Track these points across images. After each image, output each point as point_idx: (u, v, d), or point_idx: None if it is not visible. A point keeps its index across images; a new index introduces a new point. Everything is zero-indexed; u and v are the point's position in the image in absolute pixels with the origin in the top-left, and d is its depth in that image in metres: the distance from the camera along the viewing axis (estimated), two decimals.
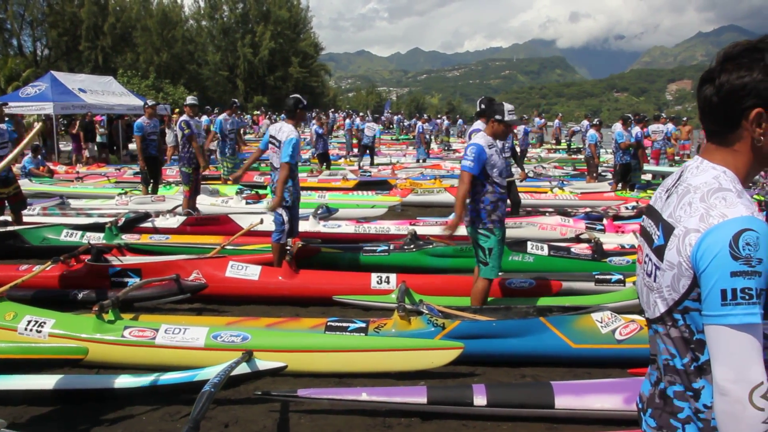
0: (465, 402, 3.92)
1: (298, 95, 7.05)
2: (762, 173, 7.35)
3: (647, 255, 1.70)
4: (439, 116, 37.85)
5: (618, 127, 13.48)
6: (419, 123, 21.66)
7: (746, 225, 1.43)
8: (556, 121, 32.44)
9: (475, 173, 5.29)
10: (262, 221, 7.93)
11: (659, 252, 1.60)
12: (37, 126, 5.97)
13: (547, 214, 9.63)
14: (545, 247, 7.14)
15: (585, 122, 21.75)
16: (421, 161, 20.02)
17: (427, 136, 22.06)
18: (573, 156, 23.03)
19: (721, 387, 1.44)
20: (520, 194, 10.09)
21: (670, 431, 1.63)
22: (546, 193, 12.66)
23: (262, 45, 62.20)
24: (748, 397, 1.41)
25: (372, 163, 19.29)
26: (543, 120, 31.89)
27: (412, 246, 7.19)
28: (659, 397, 1.69)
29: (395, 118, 36.43)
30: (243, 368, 4.08)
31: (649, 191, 12.67)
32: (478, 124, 7.59)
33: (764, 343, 1.58)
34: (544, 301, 5.80)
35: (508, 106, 5.41)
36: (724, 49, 1.58)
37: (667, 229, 1.58)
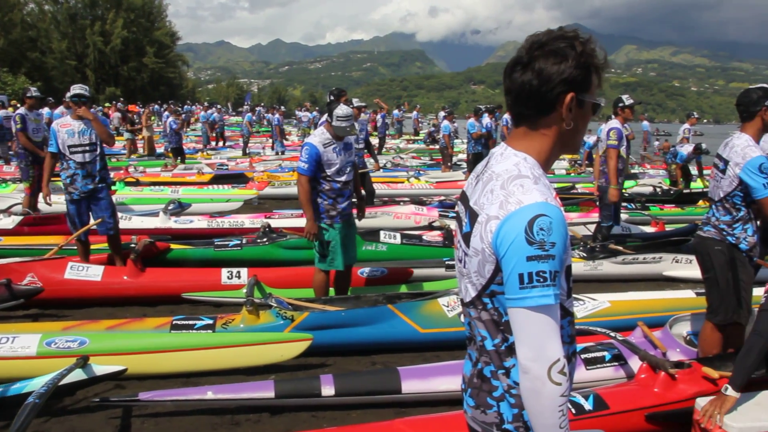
0: (313, 393, 3.92)
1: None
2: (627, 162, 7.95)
3: (458, 241, 1.73)
4: (302, 108, 37.52)
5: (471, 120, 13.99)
6: (276, 115, 21.41)
7: (540, 211, 1.49)
8: (415, 112, 33.14)
9: (309, 174, 5.31)
10: (103, 219, 7.52)
11: (467, 238, 1.64)
12: None
13: (401, 203, 9.82)
14: (398, 235, 7.28)
15: (441, 113, 22.37)
16: (279, 153, 19.81)
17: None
18: (431, 146, 23.64)
19: (523, 366, 1.51)
20: (374, 185, 10.20)
21: (487, 409, 1.69)
22: (402, 182, 12.90)
23: (113, 33, 58.90)
24: (547, 374, 1.48)
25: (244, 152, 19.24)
26: (402, 111, 32.52)
27: (265, 239, 7.09)
28: (477, 377, 1.73)
29: (256, 110, 35.77)
30: (78, 375, 3.86)
31: None
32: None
33: (569, 318, 1.69)
34: (395, 289, 5.90)
35: (340, 111, 5.30)
36: (534, 36, 1.63)
37: (473, 216, 1.62)
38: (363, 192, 6.17)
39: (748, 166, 3.86)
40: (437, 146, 21.05)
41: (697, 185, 13.75)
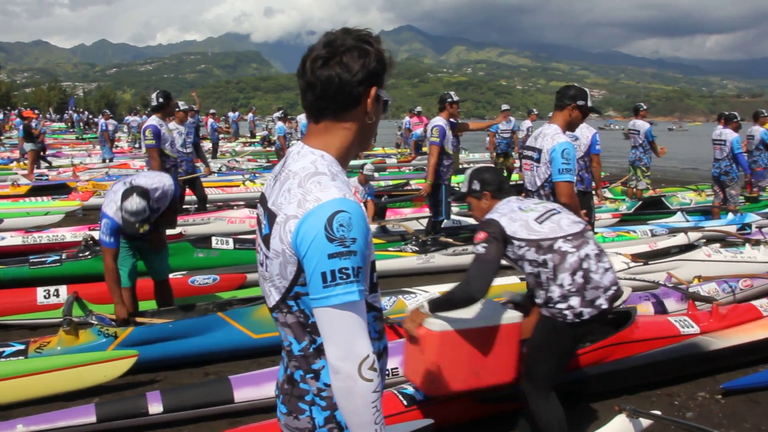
0: (139, 413, 3.73)
1: None
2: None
3: (259, 244, 1.69)
4: (131, 113, 35.73)
5: (302, 118, 13.97)
6: (102, 120, 20.22)
7: (339, 207, 1.48)
8: (250, 114, 32.62)
9: (115, 246, 4.86)
10: None
11: (267, 241, 1.60)
12: None
13: (236, 207, 9.62)
14: (230, 240, 7.11)
15: (275, 114, 22.16)
16: (107, 161, 18.70)
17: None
18: (267, 149, 23.34)
19: (333, 366, 1.49)
20: (207, 189, 9.92)
21: (299, 414, 1.66)
22: (238, 186, 12.61)
23: None
24: (358, 371, 1.48)
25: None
26: (238, 114, 31.92)
27: (87, 253, 6.64)
28: (287, 383, 1.71)
29: (74, 116, 33.72)
30: None
31: None
32: (154, 119, 7.29)
33: (375, 314, 1.69)
34: (228, 296, 5.76)
35: (129, 205, 4.58)
36: (332, 33, 1.63)
37: (271, 217, 1.59)
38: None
39: (555, 149, 4.26)
40: (273, 148, 20.83)
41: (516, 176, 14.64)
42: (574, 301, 3.10)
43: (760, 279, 6.04)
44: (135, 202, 4.55)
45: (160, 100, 7.46)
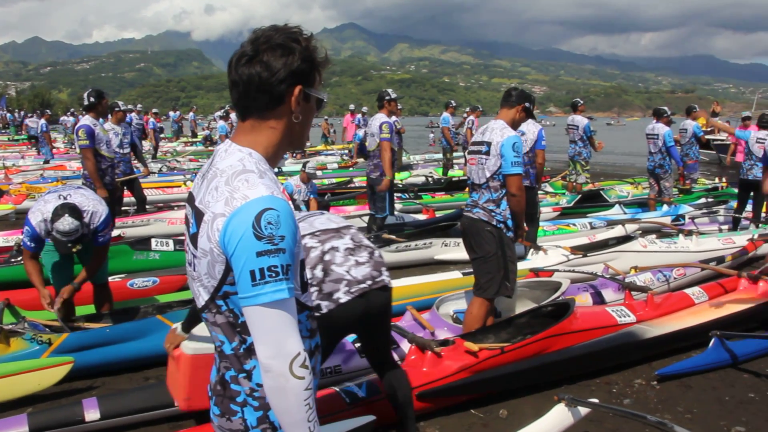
0: (75, 420, 3.62)
1: None
2: None
3: (187, 244, 1.66)
4: (69, 114, 34.67)
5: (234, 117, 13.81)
6: (43, 120, 19.61)
7: (267, 204, 1.47)
8: (191, 113, 32.06)
9: (33, 251, 4.78)
10: None
11: (194, 240, 1.58)
12: None
13: (176, 208, 9.44)
14: (171, 242, 6.97)
15: (217, 113, 21.85)
16: (46, 162, 18.10)
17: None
18: (209, 148, 23.00)
19: (264, 365, 1.48)
20: (147, 190, 9.71)
21: (231, 415, 1.64)
22: (179, 186, 12.40)
23: None
24: (289, 369, 1.46)
25: None
26: (179, 113, 31.40)
27: (20, 258, 6.41)
28: (219, 384, 1.68)
29: (7, 116, 32.46)
30: None
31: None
32: (87, 119, 7.09)
33: (307, 312, 1.67)
34: (168, 298, 5.64)
35: (61, 226, 4.41)
36: (259, 30, 1.62)
37: (199, 216, 1.56)
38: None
39: (505, 143, 4.43)
40: (215, 147, 20.52)
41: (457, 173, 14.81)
42: (314, 295, 3.08)
43: (692, 268, 6.25)
44: (67, 223, 4.36)
45: (92, 99, 7.24)
